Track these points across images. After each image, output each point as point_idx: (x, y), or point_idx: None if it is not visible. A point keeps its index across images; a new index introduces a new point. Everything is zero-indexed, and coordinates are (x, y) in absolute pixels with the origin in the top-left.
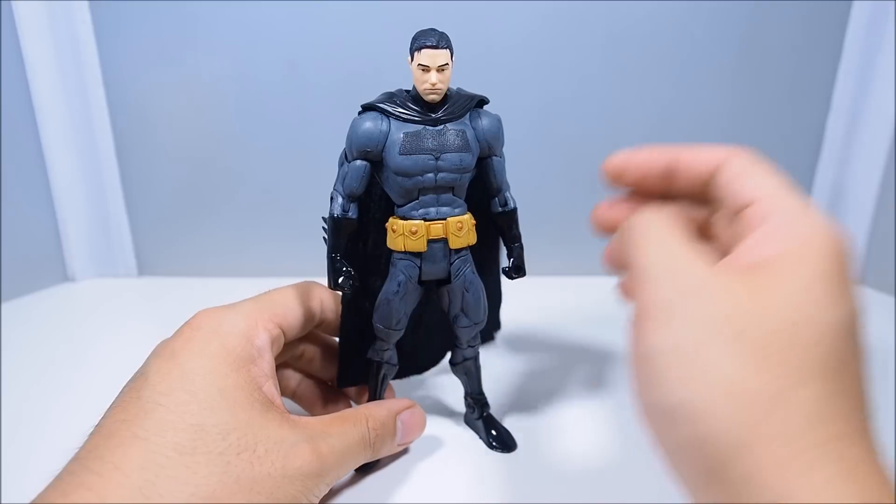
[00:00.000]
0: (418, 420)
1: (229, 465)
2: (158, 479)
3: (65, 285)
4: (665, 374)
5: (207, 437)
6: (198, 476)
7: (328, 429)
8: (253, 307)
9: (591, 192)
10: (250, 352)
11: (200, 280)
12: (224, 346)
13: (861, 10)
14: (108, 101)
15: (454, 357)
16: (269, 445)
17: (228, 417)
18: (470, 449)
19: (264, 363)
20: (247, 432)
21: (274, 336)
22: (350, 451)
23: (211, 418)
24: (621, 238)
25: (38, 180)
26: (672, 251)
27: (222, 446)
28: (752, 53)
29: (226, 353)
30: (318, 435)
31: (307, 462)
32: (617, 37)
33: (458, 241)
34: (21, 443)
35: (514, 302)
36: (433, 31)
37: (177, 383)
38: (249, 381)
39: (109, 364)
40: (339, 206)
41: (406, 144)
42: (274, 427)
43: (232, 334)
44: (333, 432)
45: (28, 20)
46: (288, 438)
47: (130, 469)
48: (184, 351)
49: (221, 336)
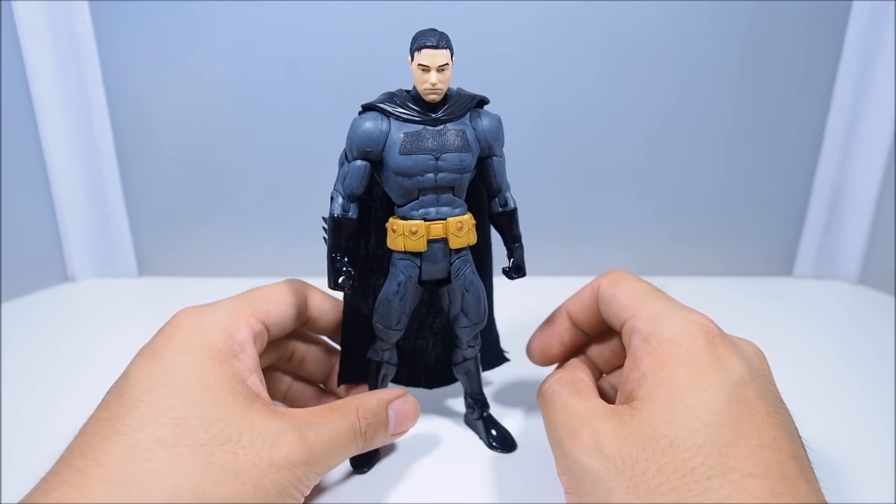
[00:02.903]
0: (410, 409)
1: (212, 457)
2: (140, 473)
3: (65, 285)
4: None
5: (190, 429)
6: (180, 468)
7: (316, 418)
8: (234, 304)
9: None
10: (232, 346)
11: (200, 280)
12: (205, 341)
13: (861, 10)
14: (108, 101)
15: (454, 357)
16: (253, 435)
17: (211, 410)
18: (470, 449)
19: (247, 357)
20: (230, 423)
21: (256, 331)
22: (339, 441)
23: (193, 411)
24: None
25: (38, 180)
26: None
27: (205, 438)
28: (752, 53)
29: (207, 348)
30: (305, 424)
31: (294, 450)
32: (617, 37)
33: (458, 241)
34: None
35: (515, 302)
36: (433, 31)
37: (158, 380)
38: (232, 374)
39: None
40: (340, 206)
41: (406, 144)
42: (259, 418)
43: (212, 330)
44: (322, 421)
45: (28, 20)
46: (273, 428)
47: (112, 464)
48: (165, 349)
49: (202, 332)
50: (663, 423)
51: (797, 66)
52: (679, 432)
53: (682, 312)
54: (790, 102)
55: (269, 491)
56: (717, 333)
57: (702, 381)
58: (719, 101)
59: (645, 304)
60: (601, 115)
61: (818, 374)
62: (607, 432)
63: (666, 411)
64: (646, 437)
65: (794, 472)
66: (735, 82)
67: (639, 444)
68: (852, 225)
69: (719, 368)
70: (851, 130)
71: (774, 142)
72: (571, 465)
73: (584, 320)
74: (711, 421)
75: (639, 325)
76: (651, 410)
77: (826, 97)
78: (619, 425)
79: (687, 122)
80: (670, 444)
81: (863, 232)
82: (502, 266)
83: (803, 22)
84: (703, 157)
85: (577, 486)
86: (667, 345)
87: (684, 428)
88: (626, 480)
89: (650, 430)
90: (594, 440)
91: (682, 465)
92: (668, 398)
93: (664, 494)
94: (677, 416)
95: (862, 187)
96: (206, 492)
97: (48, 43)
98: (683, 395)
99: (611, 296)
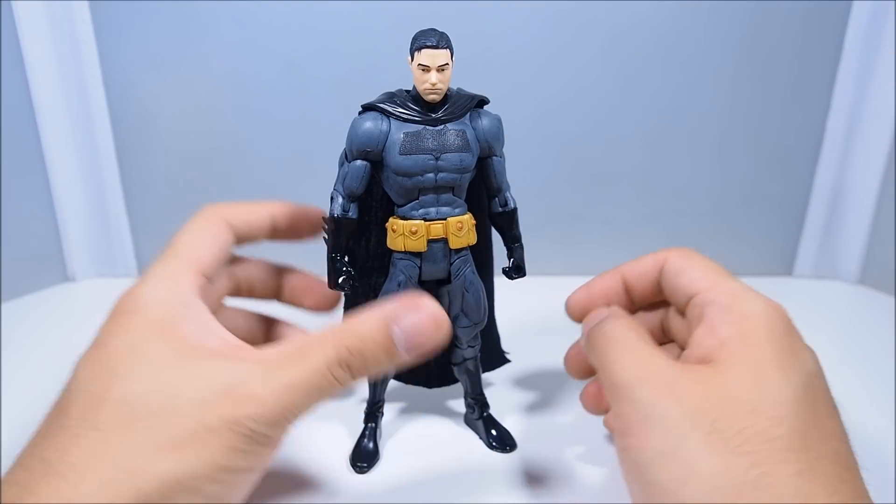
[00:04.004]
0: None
1: (150, 430)
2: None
3: (65, 285)
4: (656, 479)
5: (127, 408)
6: (117, 450)
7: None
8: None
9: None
10: (173, 313)
11: None
12: (145, 318)
13: (861, 10)
14: (108, 101)
15: (454, 357)
16: (191, 397)
17: (150, 383)
18: (470, 449)
19: (194, 314)
20: (168, 392)
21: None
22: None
23: (133, 388)
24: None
25: (38, 180)
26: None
27: (143, 413)
28: (752, 54)
29: (148, 324)
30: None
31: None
32: (617, 37)
33: (458, 241)
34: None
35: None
36: (433, 31)
37: (100, 367)
38: (177, 340)
39: None
40: (340, 206)
41: (406, 144)
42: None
43: (150, 304)
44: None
45: (28, 20)
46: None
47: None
48: (108, 337)
49: (141, 310)
50: (747, 388)
51: (797, 66)
52: (764, 401)
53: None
54: (790, 102)
55: (215, 454)
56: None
57: (784, 361)
58: (719, 101)
59: (720, 280)
60: (601, 114)
61: None
62: (686, 384)
63: (751, 379)
64: (728, 397)
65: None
66: (735, 82)
67: (720, 403)
68: (852, 225)
69: (798, 355)
70: (851, 130)
71: (774, 142)
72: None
73: (639, 288)
74: (794, 398)
75: (717, 298)
76: (736, 375)
77: (826, 97)
78: (697, 381)
79: (687, 122)
80: (753, 408)
81: (863, 232)
82: (502, 266)
83: (803, 22)
84: (702, 157)
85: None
86: (750, 319)
87: (770, 398)
88: (703, 434)
89: (734, 392)
90: (672, 388)
91: (764, 431)
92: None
93: (742, 456)
94: (764, 385)
95: (862, 187)
96: (145, 468)
97: (48, 43)
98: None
99: (680, 268)
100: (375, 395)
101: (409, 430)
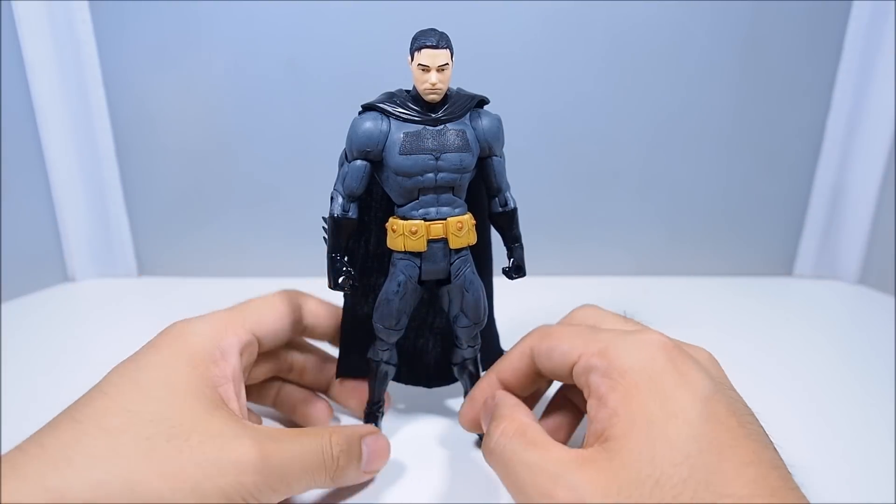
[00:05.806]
0: (383, 446)
1: (154, 451)
2: (76, 456)
3: (65, 285)
4: None
5: (139, 422)
6: (117, 456)
7: (283, 435)
8: (225, 314)
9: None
10: (212, 353)
11: (201, 280)
12: (185, 345)
13: (861, 10)
14: (108, 101)
15: (454, 357)
16: (204, 437)
17: (167, 407)
18: (470, 449)
19: (227, 365)
20: (183, 422)
21: (244, 342)
22: (304, 460)
23: (149, 406)
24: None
25: (38, 180)
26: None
27: (152, 432)
28: (752, 54)
29: (185, 351)
30: (267, 436)
31: (244, 454)
32: (617, 37)
33: (458, 241)
34: None
35: (515, 302)
36: (433, 31)
37: (127, 377)
38: (205, 379)
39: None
40: (339, 206)
41: (406, 144)
42: (216, 422)
43: (196, 335)
44: (287, 438)
45: (28, 20)
46: (228, 433)
47: (52, 446)
48: (145, 352)
49: (185, 336)
50: (645, 461)
51: (797, 67)
52: (664, 469)
53: (631, 336)
54: (790, 103)
55: (209, 493)
56: (673, 347)
57: (672, 406)
58: (719, 102)
59: (588, 339)
60: (601, 114)
61: (818, 375)
62: (586, 484)
63: (645, 448)
64: (630, 480)
65: (779, 484)
66: (735, 82)
67: (624, 491)
68: (852, 225)
69: (685, 387)
70: (851, 130)
71: (775, 142)
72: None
73: (518, 384)
74: (692, 449)
75: (592, 362)
76: (630, 450)
77: (826, 97)
78: (596, 473)
79: (687, 122)
80: (656, 483)
81: (863, 232)
82: (502, 266)
83: (803, 22)
84: (703, 157)
85: None
86: (629, 374)
87: (667, 462)
88: None
89: (633, 472)
90: (574, 497)
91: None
92: (645, 433)
93: None
94: (658, 451)
95: (862, 187)
96: (139, 482)
97: (48, 43)
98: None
99: (548, 348)
100: (375, 395)
101: (409, 430)
